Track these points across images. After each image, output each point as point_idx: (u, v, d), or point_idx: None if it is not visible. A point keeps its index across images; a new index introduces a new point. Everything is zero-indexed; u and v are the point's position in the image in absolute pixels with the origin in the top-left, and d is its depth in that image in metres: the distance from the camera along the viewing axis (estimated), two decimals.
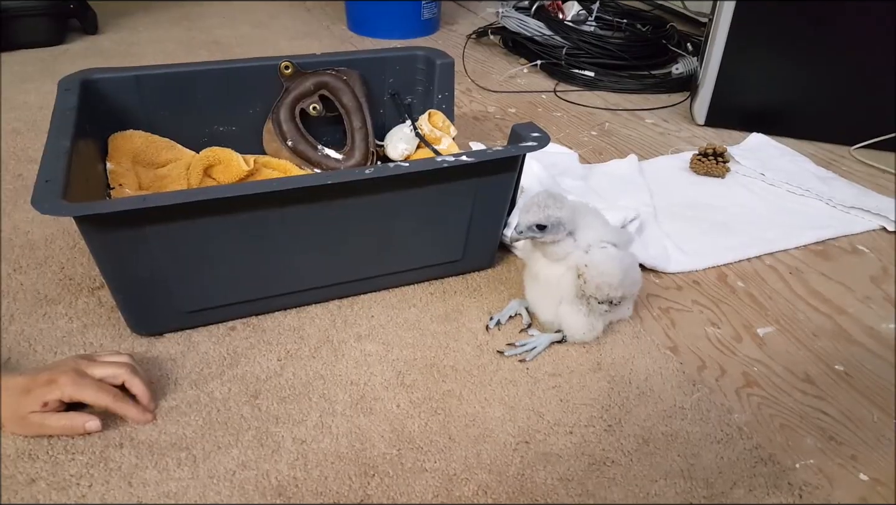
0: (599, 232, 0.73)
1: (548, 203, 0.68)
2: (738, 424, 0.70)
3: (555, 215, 0.68)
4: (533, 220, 0.69)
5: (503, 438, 0.67)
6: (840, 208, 1.09)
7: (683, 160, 1.22)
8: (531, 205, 0.69)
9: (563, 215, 0.69)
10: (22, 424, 0.63)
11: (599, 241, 0.73)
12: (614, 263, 0.72)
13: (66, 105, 0.82)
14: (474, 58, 1.71)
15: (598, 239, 0.73)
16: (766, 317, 0.87)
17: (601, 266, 0.72)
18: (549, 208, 0.68)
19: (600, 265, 0.72)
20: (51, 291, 0.83)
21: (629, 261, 0.76)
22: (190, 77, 0.96)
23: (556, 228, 0.69)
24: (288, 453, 0.65)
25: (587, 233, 0.73)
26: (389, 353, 0.77)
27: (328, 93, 1.03)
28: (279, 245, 0.75)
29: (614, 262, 0.72)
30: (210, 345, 0.77)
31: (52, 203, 0.63)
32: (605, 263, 0.72)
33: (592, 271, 0.72)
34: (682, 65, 1.59)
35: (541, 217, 0.68)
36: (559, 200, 0.69)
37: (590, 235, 0.73)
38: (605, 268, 0.72)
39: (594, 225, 0.74)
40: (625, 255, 0.76)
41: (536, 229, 0.69)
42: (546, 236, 0.70)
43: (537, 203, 0.69)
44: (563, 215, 0.69)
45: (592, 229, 0.73)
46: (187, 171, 0.94)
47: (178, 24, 1.83)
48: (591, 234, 0.73)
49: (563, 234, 0.71)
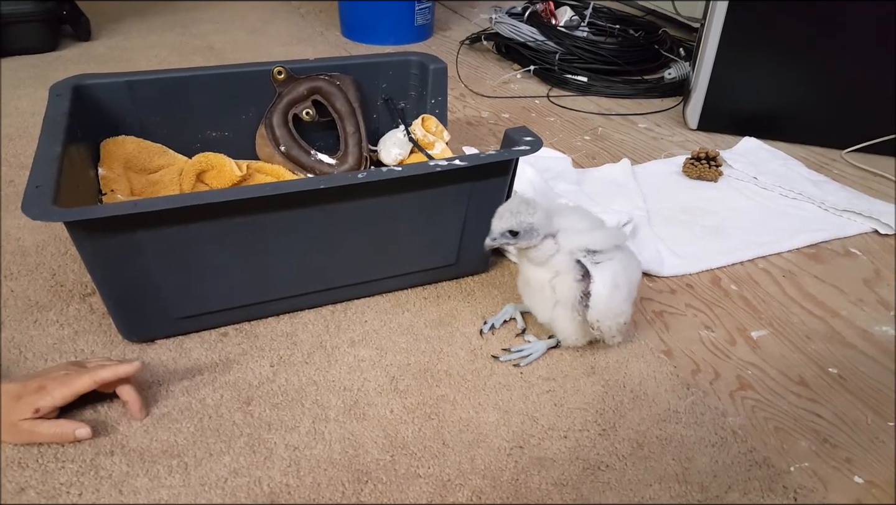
0: (587, 236, 0.72)
1: (519, 209, 0.68)
2: (733, 428, 0.70)
3: (527, 221, 0.68)
4: (505, 227, 0.69)
5: (497, 443, 0.67)
6: (832, 211, 1.09)
7: (676, 164, 1.22)
8: (504, 211, 0.69)
9: (534, 221, 0.68)
10: (12, 431, 0.63)
11: (584, 247, 0.71)
12: (616, 297, 0.70)
13: (58, 111, 0.82)
14: (468, 63, 1.72)
15: (584, 244, 0.71)
16: (759, 320, 0.87)
17: (601, 307, 0.70)
18: (521, 214, 0.68)
19: (600, 306, 0.70)
20: (42, 298, 0.83)
21: (631, 273, 0.74)
22: (182, 82, 0.96)
23: (529, 234, 0.69)
24: (280, 460, 0.64)
25: (572, 236, 0.72)
26: (383, 358, 0.77)
27: (321, 98, 1.03)
28: (272, 250, 0.75)
29: (616, 294, 0.70)
30: (202, 351, 0.76)
31: (43, 209, 0.63)
32: (604, 300, 0.70)
33: (596, 314, 0.70)
34: (674, 70, 1.60)
35: (513, 223, 0.68)
36: (531, 206, 0.69)
37: (576, 240, 0.71)
38: (606, 306, 0.70)
39: (580, 226, 0.73)
40: (625, 266, 0.73)
41: (510, 235, 0.69)
42: (520, 242, 0.70)
43: (510, 209, 0.69)
44: (534, 221, 0.68)
45: (579, 233, 0.72)
46: (180, 177, 0.93)
47: (171, 30, 1.83)
48: (578, 238, 0.72)
49: (538, 238, 0.70)
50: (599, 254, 0.72)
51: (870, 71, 1.23)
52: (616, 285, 0.71)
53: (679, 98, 1.52)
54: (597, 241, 0.72)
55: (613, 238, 0.74)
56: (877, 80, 1.23)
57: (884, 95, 1.23)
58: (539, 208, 0.70)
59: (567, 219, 0.74)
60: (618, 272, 0.72)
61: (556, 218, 0.73)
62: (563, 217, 0.74)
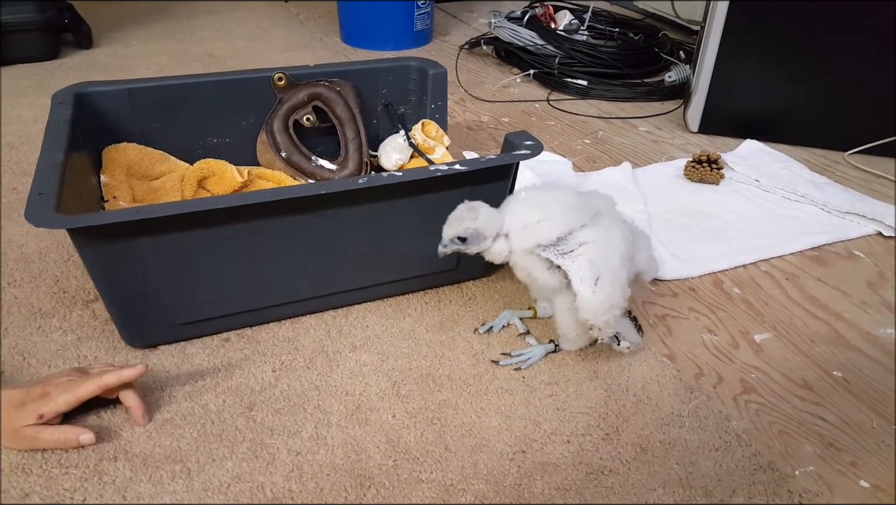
0: (536, 231, 0.68)
1: (463, 216, 0.69)
2: (737, 432, 0.70)
3: (471, 227, 0.69)
4: (453, 234, 0.70)
5: (500, 448, 0.67)
6: (835, 214, 1.09)
7: (677, 168, 1.22)
8: (451, 218, 0.70)
9: (478, 225, 0.69)
10: (16, 437, 0.63)
11: (539, 242, 0.68)
12: (602, 290, 0.66)
13: (60, 118, 0.82)
14: (467, 68, 1.72)
15: (535, 241, 0.68)
16: (762, 323, 0.86)
17: (587, 306, 0.67)
18: (465, 221, 0.69)
19: (586, 305, 0.67)
20: (45, 305, 0.83)
21: (613, 251, 0.68)
22: (183, 89, 0.96)
23: (476, 239, 0.70)
24: (283, 465, 0.64)
25: (520, 235, 0.69)
26: (384, 363, 0.77)
27: (322, 104, 1.03)
28: (273, 256, 0.75)
29: (601, 286, 0.66)
30: (204, 357, 0.76)
31: (46, 216, 0.63)
32: (588, 298, 0.66)
33: (585, 315, 0.67)
34: (674, 72, 1.60)
35: (459, 230, 0.69)
36: (474, 211, 0.69)
37: (527, 238, 0.69)
38: (593, 304, 0.66)
39: (528, 219, 0.69)
40: (604, 247, 0.68)
41: (459, 241, 0.70)
42: (470, 247, 0.71)
43: (456, 216, 0.70)
44: (478, 225, 0.69)
45: (526, 228, 0.69)
46: (181, 183, 0.94)
47: (171, 38, 1.84)
48: (528, 236, 0.69)
49: (489, 241, 0.70)
50: (566, 241, 0.68)
51: (871, 72, 1.23)
52: (597, 276, 0.66)
53: (679, 101, 1.52)
54: (550, 231, 0.68)
55: (575, 217, 0.69)
56: (878, 82, 1.23)
57: (885, 97, 1.23)
58: (482, 212, 0.70)
59: (515, 214, 0.70)
60: (595, 259, 0.66)
61: (507, 214, 0.71)
62: (510, 212, 0.71)
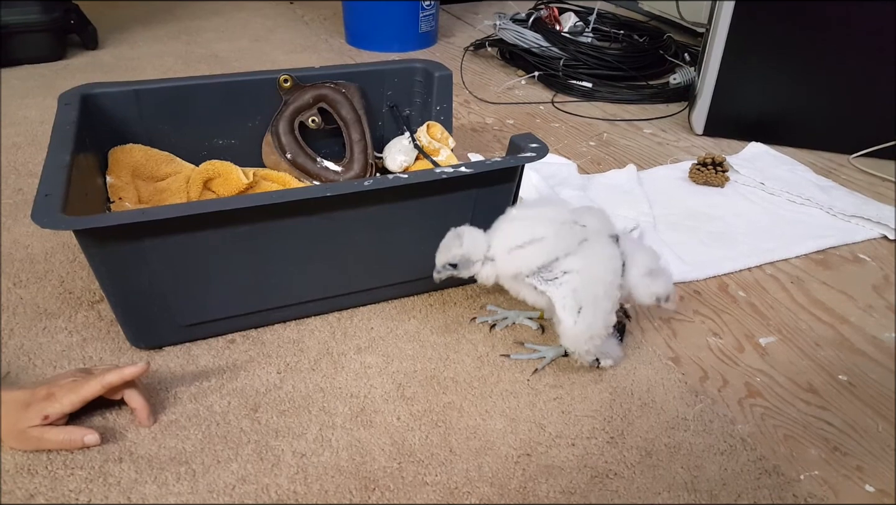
0: (518, 257, 0.70)
1: (451, 244, 0.72)
2: (742, 436, 0.70)
3: (458, 254, 0.71)
4: (444, 260, 0.72)
5: (504, 451, 0.67)
6: (840, 217, 1.09)
7: (682, 170, 1.22)
8: (442, 245, 0.72)
9: (464, 252, 0.71)
10: (21, 438, 0.63)
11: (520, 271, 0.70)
12: (584, 319, 0.68)
13: (67, 119, 0.82)
14: (472, 70, 1.72)
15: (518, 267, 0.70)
16: (767, 326, 0.86)
17: (569, 334, 0.69)
18: (452, 248, 0.71)
19: (568, 334, 0.69)
20: (50, 305, 0.83)
21: (597, 280, 0.70)
22: (189, 91, 0.97)
23: (465, 264, 0.72)
24: (288, 467, 0.64)
25: (505, 261, 0.72)
26: (389, 365, 0.77)
27: (327, 106, 1.03)
28: (278, 257, 0.75)
29: (583, 316, 0.68)
30: (209, 358, 0.76)
31: (52, 217, 0.63)
32: (569, 327, 0.69)
33: (566, 342, 0.70)
34: (679, 75, 1.60)
35: (448, 257, 0.72)
36: (459, 238, 0.71)
37: (511, 264, 0.71)
38: (574, 333, 0.69)
39: (511, 243, 0.71)
40: (587, 276, 0.69)
41: (450, 267, 0.73)
42: (461, 272, 0.73)
43: (446, 244, 0.72)
44: (464, 252, 0.71)
45: (510, 253, 0.71)
46: (187, 185, 0.94)
47: (176, 39, 1.84)
48: (511, 262, 0.71)
49: (478, 265, 0.73)
50: (549, 269, 0.70)
51: (877, 75, 1.23)
52: (580, 305, 0.68)
53: (684, 103, 1.51)
54: (534, 259, 0.70)
55: (561, 244, 0.70)
56: (883, 85, 1.23)
57: (890, 100, 1.23)
58: (467, 239, 0.71)
59: (501, 238, 0.72)
60: (578, 289, 0.69)
61: (494, 237, 0.73)
62: (498, 235, 0.72)
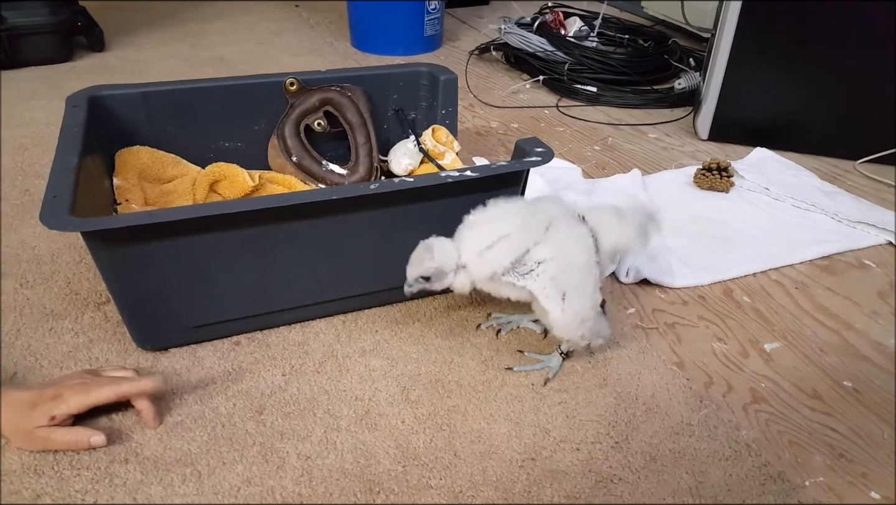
0: (488, 259, 0.70)
1: (422, 257, 0.71)
2: (747, 441, 0.70)
3: (431, 266, 0.70)
4: (416, 274, 0.71)
5: (509, 455, 0.67)
6: (846, 223, 1.09)
7: (687, 175, 1.22)
8: (413, 258, 0.71)
9: (435, 264, 0.70)
10: (28, 438, 0.63)
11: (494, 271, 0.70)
12: (570, 306, 0.69)
13: (74, 121, 0.83)
14: (477, 73, 1.72)
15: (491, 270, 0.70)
16: (772, 332, 0.86)
17: (559, 324, 0.70)
18: (424, 261, 0.70)
19: (558, 323, 0.70)
20: (57, 306, 0.83)
21: (573, 265, 0.70)
22: (196, 93, 0.97)
23: (438, 277, 0.71)
24: (293, 469, 0.64)
25: (475, 266, 0.71)
26: (394, 368, 0.77)
27: (333, 109, 1.03)
28: (284, 260, 0.75)
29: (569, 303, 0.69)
30: (215, 360, 0.77)
31: (60, 219, 0.64)
32: (557, 317, 0.70)
33: (558, 332, 0.72)
34: (684, 80, 1.60)
35: (421, 270, 0.71)
36: (430, 250, 0.71)
37: (482, 267, 0.71)
38: (564, 321, 0.70)
39: (480, 245, 0.71)
40: (564, 264, 0.69)
41: (423, 281, 0.72)
42: (434, 285, 0.72)
43: (417, 256, 0.71)
44: (435, 264, 0.70)
45: (480, 256, 0.70)
46: (193, 187, 0.94)
47: (182, 41, 1.85)
48: (482, 266, 0.71)
49: (451, 276, 0.72)
50: (522, 262, 0.70)
51: (882, 81, 1.23)
52: (563, 292, 0.69)
53: (689, 108, 1.52)
54: (504, 256, 0.70)
55: (526, 236, 0.70)
56: (888, 90, 1.23)
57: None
58: (436, 250, 0.70)
59: (467, 244, 0.71)
60: (557, 276, 0.69)
61: (461, 245, 0.72)
62: (463, 242, 0.71)
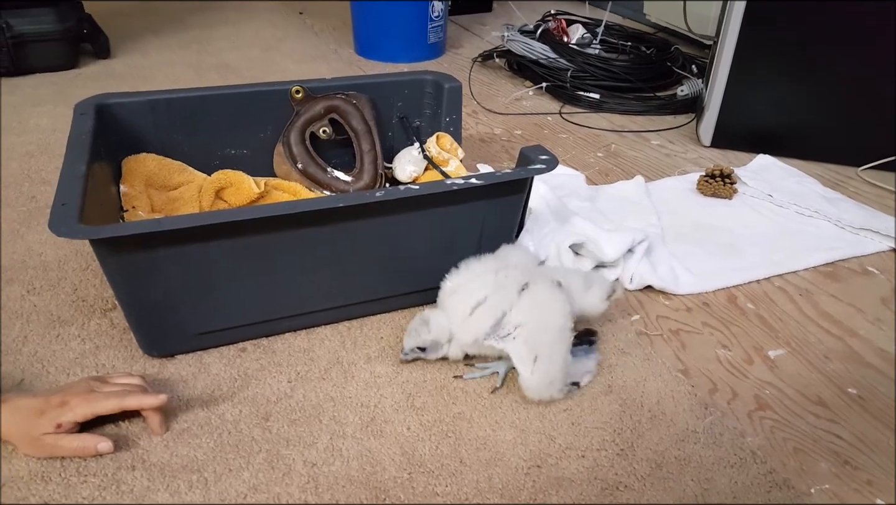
0: (471, 327, 0.74)
1: (419, 330, 0.76)
2: (752, 448, 0.70)
3: (427, 339, 0.75)
4: (413, 344, 0.76)
5: (514, 462, 0.67)
6: (849, 229, 1.09)
7: (690, 182, 1.22)
8: (410, 329, 0.76)
9: (432, 337, 0.75)
10: (35, 445, 0.63)
11: (476, 338, 0.74)
12: (540, 369, 0.71)
13: (82, 129, 0.83)
14: (480, 80, 1.73)
15: (472, 336, 0.74)
16: (776, 339, 0.86)
17: (530, 385, 0.72)
18: (421, 334, 0.75)
19: (529, 385, 0.72)
20: (64, 313, 0.84)
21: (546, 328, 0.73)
22: (202, 101, 0.98)
23: (434, 348, 0.76)
24: (299, 476, 0.64)
25: (461, 332, 0.75)
26: (399, 374, 0.77)
27: (338, 116, 1.04)
28: (290, 267, 0.76)
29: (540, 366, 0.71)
30: (221, 366, 0.77)
31: (69, 226, 0.64)
32: (526, 379, 0.71)
33: (530, 394, 0.72)
34: (686, 86, 1.60)
35: (417, 342, 0.76)
36: (427, 324, 0.75)
37: (466, 334, 0.75)
38: (535, 384, 0.72)
39: (460, 313, 0.75)
40: (535, 328, 0.72)
41: (419, 351, 0.77)
42: (430, 355, 0.77)
43: (414, 329, 0.76)
44: (432, 337, 0.75)
45: (464, 324, 0.75)
46: (199, 194, 0.95)
47: (187, 48, 1.86)
48: (466, 332, 0.75)
49: (446, 347, 0.77)
50: (501, 325, 0.73)
51: (884, 87, 1.23)
52: (535, 355, 0.71)
53: (692, 115, 1.52)
54: (485, 321, 0.73)
55: (501, 298, 0.74)
56: (892, 97, 1.23)
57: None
58: (433, 324, 0.75)
59: (453, 310, 0.76)
60: (530, 340, 0.72)
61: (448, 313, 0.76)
62: (449, 310, 0.76)
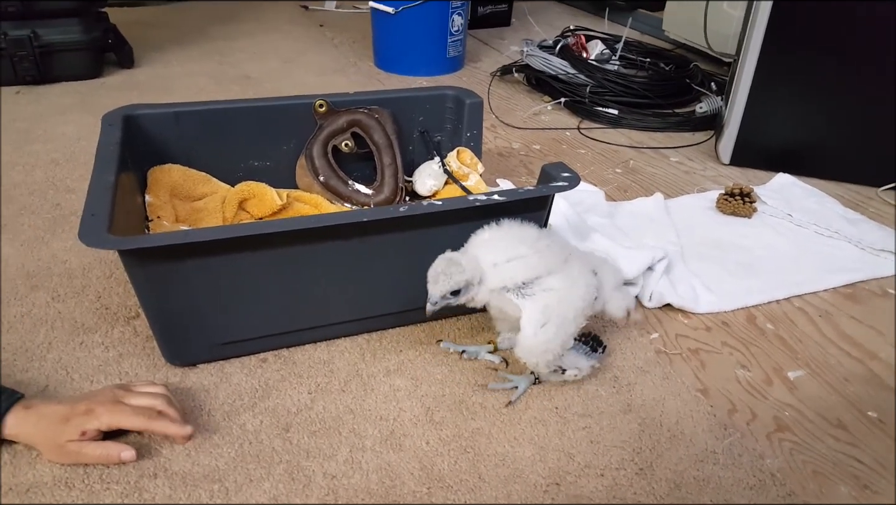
0: (502, 272, 0.72)
1: (451, 271, 0.71)
2: (771, 470, 0.69)
3: (462, 280, 0.71)
4: (445, 290, 0.71)
5: (533, 479, 0.67)
6: (869, 251, 1.08)
7: (709, 199, 1.22)
8: (436, 275, 0.71)
9: (467, 276, 0.71)
10: (60, 452, 0.64)
11: (504, 284, 0.72)
12: (543, 334, 0.70)
13: (110, 140, 0.85)
14: (498, 95, 1.74)
15: (502, 281, 0.72)
16: (796, 360, 0.86)
17: (525, 344, 0.71)
18: (454, 275, 0.71)
19: (524, 343, 0.71)
20: (88, 320, 0.85)
21: (569, 304, 0.72)
22: (227, 114, 0.99)
23: (467, 290, 0.72)
24: (319, 488, 0.65)
25: (491, 275, 0.72)
26: (418, 388, 0.78)
27: (360, 130, 1.05)
28: (311, 279, 0.77)
29: (544, 331, 0.70)
30: (242, 376, 0.78)
31: (99, 237, 0.65)
32: (528, 337, 0.71)
33: (519, 351, 0.72)
34: (705, 103, 1.60)
35: (451, 285, 0.71)
36: (457, 264, 0.71)
37: (496, 278, 0.72)
38: (531, 344, 0.71)
39: (497, 259, 0.72)
40: (562, 298, 0.72)
41: (451, 296, 0.72)
42: (460, 299, 0.73)
43: (443, 272, 0.71)
44: (467, 276, 0.71)
45: (496, 268, 0.72)
46: (223, 205, 0.96)
47: (209, 59, 1.89)
48: (496, 277, 0.72)
49: (476, 289, 0.73)
50: (531, 285, 0.72)
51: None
52: (544, 322, 0.70)
53: (710, 132, 1.52)
54: (517, 275, 0.72)
55: (544, 263, 0.73)
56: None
57: None
58: (465, 262, 0.71)
59: (484, 254, 0.73)
60: (550, 305, 0.71)
61: (478, 256, 0.73)
62: (480, 253, 0.73)
